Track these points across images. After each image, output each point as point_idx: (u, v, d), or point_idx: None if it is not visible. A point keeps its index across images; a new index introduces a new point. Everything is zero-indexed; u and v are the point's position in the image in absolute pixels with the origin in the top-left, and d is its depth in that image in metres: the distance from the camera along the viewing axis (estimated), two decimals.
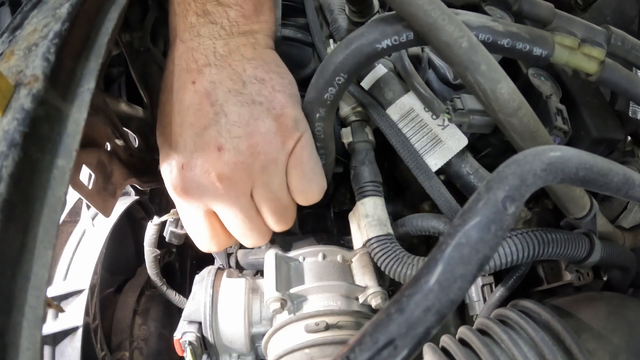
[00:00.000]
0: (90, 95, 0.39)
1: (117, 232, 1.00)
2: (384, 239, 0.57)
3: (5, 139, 0.31)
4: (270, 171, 0.53)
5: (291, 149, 0.54)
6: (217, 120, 0.50)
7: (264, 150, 0.51)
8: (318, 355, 0.55)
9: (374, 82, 0.63)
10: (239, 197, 0.53)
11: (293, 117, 0.53)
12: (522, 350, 0.46)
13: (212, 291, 0.64)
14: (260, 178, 0.53)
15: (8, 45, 0.38)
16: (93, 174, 0.55)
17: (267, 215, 0.56)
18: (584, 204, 0.57)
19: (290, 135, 0.53)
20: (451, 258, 0.31)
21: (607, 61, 0.55)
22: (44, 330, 0.67)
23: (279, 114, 0.52)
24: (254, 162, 0.51)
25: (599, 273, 0.72)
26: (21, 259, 0.30)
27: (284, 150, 0.53)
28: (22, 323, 0.29)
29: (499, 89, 0.47)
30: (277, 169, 0.53)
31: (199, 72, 0.51)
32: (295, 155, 0.54)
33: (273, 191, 0.54)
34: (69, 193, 0.37)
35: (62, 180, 0.34)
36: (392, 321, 0.30)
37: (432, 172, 0.59)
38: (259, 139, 0.51)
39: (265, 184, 0.53)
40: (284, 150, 0.53)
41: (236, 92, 0.51)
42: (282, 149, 0.53)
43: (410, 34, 0.48)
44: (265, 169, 0.52)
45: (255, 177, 0.52)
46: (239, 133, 0.50)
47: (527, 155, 0.35)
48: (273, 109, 0.52)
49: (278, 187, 0.54)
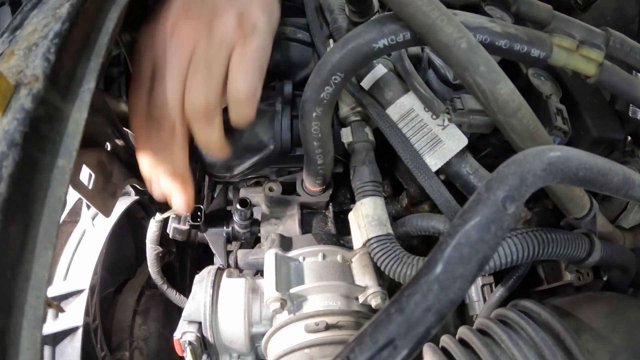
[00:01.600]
0: (90, 95, 0.39)
1: (117, 232, 1.00)
2: (384, 239, 0.57)
3: (5, 139, 0.31)
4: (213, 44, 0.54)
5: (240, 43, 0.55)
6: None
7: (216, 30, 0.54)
8: (318, 355, 0.55)
9: (374, 82, 0.63)
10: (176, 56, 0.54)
11: (254, 21, 0.55)
12: (522, 350, 0.46)
13: (212, 291, 0.64)
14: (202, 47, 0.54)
15: (8, 45, 0.38)
16: (93, 174, 0.55)
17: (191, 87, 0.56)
18: (584, 204, 0.57)
19: (243, 33, 0.55)
20: (451, 258, 0.31)
21: (605, 63, 0.55)
22: (44, 330, 0.67)
23: (244, 15, 0.55)
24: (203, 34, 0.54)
25: (599, 273, 0.72)
26: (21, 259, 0.30)
27: (232, 41, 0.54)
28: (22, 323, 0.29)
29: (498, 90, 0.47)
30: (220, 46, 0.54)
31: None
32: (241, 51, 0.55)
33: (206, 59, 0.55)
34: (69, 193, 0.37)
35: (62, 180, 0.34)
36: (392, 321, 0.30)
37: (432, 172, 0.59)
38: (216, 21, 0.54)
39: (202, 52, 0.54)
40: (233, 41, 0.55)
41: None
42: (231, 39, 0.54)
43: (407, 34, 0.48)
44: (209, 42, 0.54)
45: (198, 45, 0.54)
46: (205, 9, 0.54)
47: (527, 155, 0.35)
48: (241, 8, 0.55)
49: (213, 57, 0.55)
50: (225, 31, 0.55)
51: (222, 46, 0.55)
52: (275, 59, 0.68)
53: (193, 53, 0.55)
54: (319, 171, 0.65)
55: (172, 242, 1.21)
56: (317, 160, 0.62)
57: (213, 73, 0.55)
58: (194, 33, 0.54)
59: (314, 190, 0.71)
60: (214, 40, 0.55)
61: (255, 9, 0.56)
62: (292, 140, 0.66)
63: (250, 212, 0.72)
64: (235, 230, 0.75)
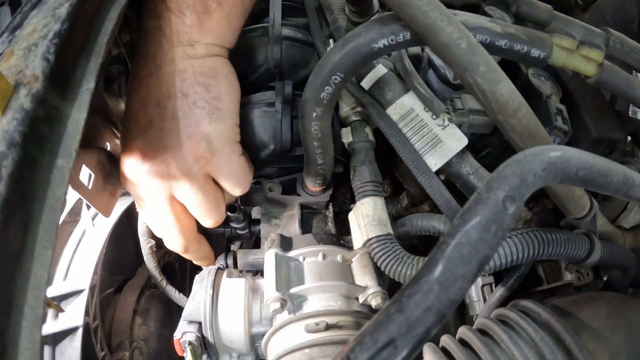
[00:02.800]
0: (90, 95, 0.39)
1: (117, 232, 1.00)
2: (384, 238, 0.57)
3: (5, 139, 0.31)
4: (184, 183, 0.58)
5: (207, 165, 0.58)
6: (145, 131, 0.57)
7: (176, 165, 0.57)
8: (318, 355, 0.54)
9: (374, 82, 0.63)
10: (154, 202, 0.60)
11: (206, 136, 0.57)
12: (522, 350, 0.46)
13: (212, 291, 0.64)
14: (177, 189, 0.59)
15: (8, 45, 0.38)
16: (93, 174, 0.55)
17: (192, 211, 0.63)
18: (584, 204, 0.57)
19: (200, 154, 0.57)
20: (451, 258, 0.31)
21: (605, 63, 0.55)
22: (44, 330, 0.67)
23: (192, 133, 0.56)
24: (168, 175, 0.57)
25: (599, 273, 0.72)
26: (21, 259, 0.30)
27: (195, 165, 0.58)
28: (21, 323, 0.29)
29: (498, 90, 0.47)
30: (191, 179, 0.58)
31: (140, 82, 0.57)
32: (213, 169, 0.59)
33: (191, 199, 0.60)
34: (69, 193, 0.37)
35: (62, 180, 0.34)
36: (392, 321, 0.30)
37: (432, 172, 0.59)
38: (169, 154, 0.56)
39: (182, 193, 0.59)
40: (196, 165, 0.58)
41: (162, 107, 0.56)
42: (194, 165, 0.58)
43: (407, 34, 0.48)
44: (178, 182, 0.58)
45: (173, 187, 0.59)
46: (157, 145, 0.56)
47: (528, 155, 0.35)
48: (188, 127, 0.56)
49: (195, 194, 0.60)
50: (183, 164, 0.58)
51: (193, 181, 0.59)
52: (275, 58, 0.68)
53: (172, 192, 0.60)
54: (319, 171, 0.65)
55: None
56: (317, 160, 0.62)
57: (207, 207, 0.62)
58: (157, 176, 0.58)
59: (314, 190, 0.71)
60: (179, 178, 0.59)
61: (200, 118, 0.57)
62: (292, 140, 0.66)
63: (243, 215, 0.71)
64: (235, 231, 0.75)
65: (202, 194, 0.60)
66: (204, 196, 0.61)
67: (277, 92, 0.67)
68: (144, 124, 0.56)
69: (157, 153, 0.56)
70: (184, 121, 0.56)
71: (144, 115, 0.56)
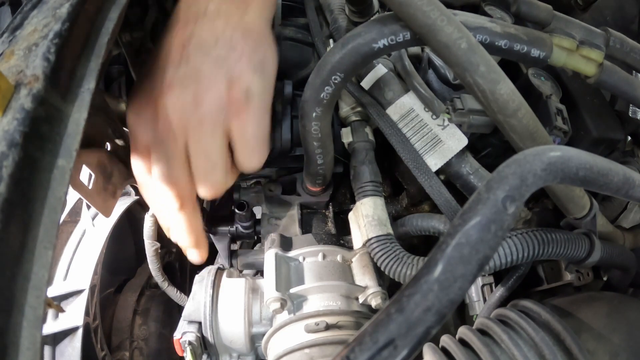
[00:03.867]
0: (90, 95, 0.39)
1: (117, 232, 1.00)
2: (384, 239, 0.57)
3: (5, 139, 0.31)
4: (205, 128, 0.52)
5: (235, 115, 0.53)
6: (178, 66, 0.52)
7: (206, 105, 0.51)
8: (318, 355, 0.55)
9: (374, 82, 0.63)
10: (168, 143, 0.53)
11: (246, 86, 0.53)
12: (522, 350, 0.46)
13: (212, 291, 0.64)
14: (194, 131, 0.52)
15: (8, 45, 0.38)
16: (93, 174, 0.55)
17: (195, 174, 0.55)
18: (584, 204, 0.57)
19: (236, 102, 0.52)
20: (451, 258, 0.31)
21: (605, 63, 0.55)
22: (44, 330, 0.67)
23: (234, 80, 0.52)
24: (192, 113, 0.51)
25: (599, 273, 0.72)
26: (21, 259, 0.30)
27: (226, 113, 0.52)
28: (22, 323, 0.29)
29: (498, 90, 0.47)
30: (214, 128, 0.53)
31: (184, 26, 0.53)
32: (240, 124, 0.54)
33: (204, 149, 0.53)
34: (69, 193, 0.37)
35: (62, 180, 0.34)
36: (392, 321, 0.30)
37: (432, 172, 0.59)
38: (204, 92, 0.51)
39: (197, 139, 0.53)
40: (227, 113, 0.52)
41: (205, 50, 0.52)
42: (224, 112, 0.52)
43: (407, 34, 0.48)
44: (201, 123, 0.52)
45: (190, 128, 0.52)
46: (190, 80, 0.51)
47: (527, 155, 0.35)
48: (232, 73, 0.52)
49: (210, 146, 0.53)
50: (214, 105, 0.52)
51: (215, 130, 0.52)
52: None
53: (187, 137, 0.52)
54: (319, 171, 0.65)
55: (172, 242, 1.20)
56: (317, 160, 0.62)
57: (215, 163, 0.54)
58: (180, 112, 0.52)
59: (314, 190, 0.71)
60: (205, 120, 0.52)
61: (246, 69, 0.53)
62: (292, 140, 0.66)
63: (250, 213, 0.72)
64: (239, 230, 0.75)
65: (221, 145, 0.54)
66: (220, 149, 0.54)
67: (277, 92, 0.67)
68: (177, 60, 0.52)
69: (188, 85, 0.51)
70: (228, 68, 0.52)
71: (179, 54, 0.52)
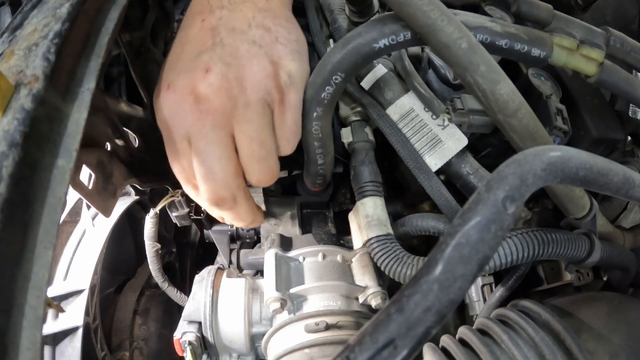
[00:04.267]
0: (90, 95, 0.39)
1: (117, 232, 1.00)
2: (384, 239, 0.57)
3: (5, 139, 0.31)
4: (256, 110, 0.49)
5: (280, 98, 0.51)
6: (214, 48, 0.49)
7: (252, 86, 0.48)
8: (318, 355, 0.55)
9: (374, 82, 0.63)
10: (215, 128, 0.48)
11: (288, 70, 0.51)
12: (522, 350, 0.46)
13: (212, 291, 0.64)
14: (244, 114, 0.49)
15: (8, 45, 0.38)
16: (93, 174, 0.55)
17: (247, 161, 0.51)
18: (584, 204, 0.57)
19: (282, 86, 0.51)
20: (451, 258, 0.31)
21: (606, 63, 0.55)
22: (44, 330, 0.67)
23: (276, 61, 0.50)
24: (238, 95, 0.48)
25: (599, 273, 0.72)
26: (21, 259, 0.30)
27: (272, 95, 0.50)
28: (22, 323, 0.29)
29: (498, 90, 0.47)
30: (263, 111, 0.50)
31: (210, 12, 0.51)
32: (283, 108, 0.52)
33: (257, 132, 0.50)
34: (69, 193, 0.37)
35: (62, 180, 0.34)
36: (392, 321, 0.30)
37: (432, 172, 0.59)
38: (249, 74, 0.49)
39: (249, 121, 0.49)
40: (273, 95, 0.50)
41: (240, 32, 0.50)
42: (270, 95, 0.50)
43: (407, 33, 0.48)
44: (249, 106, 0.49)
45: (238, 112, 0.48)
46: (231, 62, 0.48)
47: (527, 155, 0.35)
48: (271, 55, 0.50)
49: (263, 129, 0.50)
50: (261, 86, 0.49)
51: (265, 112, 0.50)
52: None
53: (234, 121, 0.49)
54: (319, 171, 0.65)
55: (172, 242, 1.21)
56: (317, 160, 0.62)
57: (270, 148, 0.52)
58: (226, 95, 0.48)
59: (314, 190, 0.71)
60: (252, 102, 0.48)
61: (284, 51, 0.51)
62: None
63: None
64: (239, 230, 0.75)
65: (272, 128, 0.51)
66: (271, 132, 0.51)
67: None
68: (211, 44, 0.49)
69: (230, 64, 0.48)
70: (266, 49, 0.50)
71: (211, 38, 0.50)
